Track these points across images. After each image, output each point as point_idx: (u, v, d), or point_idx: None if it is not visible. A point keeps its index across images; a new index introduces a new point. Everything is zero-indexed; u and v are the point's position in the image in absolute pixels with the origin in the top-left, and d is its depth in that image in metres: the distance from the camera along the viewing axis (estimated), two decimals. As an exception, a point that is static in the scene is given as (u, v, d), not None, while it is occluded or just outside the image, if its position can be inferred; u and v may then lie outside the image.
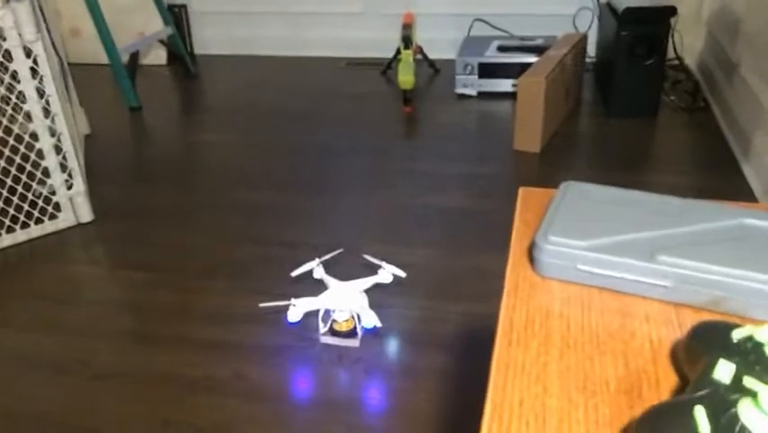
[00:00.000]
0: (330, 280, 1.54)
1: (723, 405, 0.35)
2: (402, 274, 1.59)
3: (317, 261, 1.62)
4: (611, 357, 0.46)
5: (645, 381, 0.43)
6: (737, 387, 0.36)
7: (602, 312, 0.50)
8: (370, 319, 1.44)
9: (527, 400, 0.43)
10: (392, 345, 1.42)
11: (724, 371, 0.37)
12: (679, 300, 0.50)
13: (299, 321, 1.48)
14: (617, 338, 0.47)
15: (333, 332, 1.44)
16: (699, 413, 0.35)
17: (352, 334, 1.43)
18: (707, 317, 0.49)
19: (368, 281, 1.54)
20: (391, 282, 1.59)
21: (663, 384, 0.43)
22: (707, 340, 0.41)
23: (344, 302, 1.45)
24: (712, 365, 0.38)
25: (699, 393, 0.36)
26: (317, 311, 1.47)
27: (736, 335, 0.40)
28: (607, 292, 0.52)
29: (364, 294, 1.50)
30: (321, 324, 1.45)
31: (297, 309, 1.47)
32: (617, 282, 0.51)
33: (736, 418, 0.34)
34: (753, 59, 2.06)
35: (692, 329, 0.43)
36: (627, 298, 0.51)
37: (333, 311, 1.45)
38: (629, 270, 0.50)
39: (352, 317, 1.44)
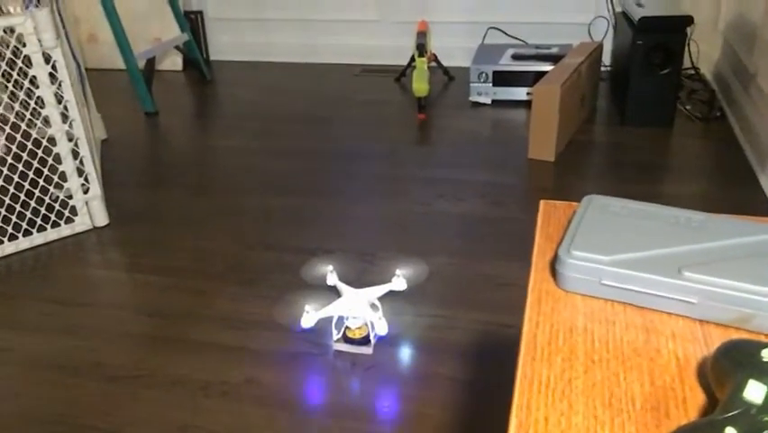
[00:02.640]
0: (343, 287, 1.54)
1: (755, 426, 0.34)
2: (403, 288, 1.58)
3: (330, 267, 1.63)
4: (637, 374, 0.45)
5: (672, 399, 0.43)
6: (769, 408, 0.36)
7: (627, 328, 0.50)
8: (383, 327, 1.44)
9: (552, 417, 0.42)
10: (405, 353, 1.42)
11: (755, 391, 0.37)
12: (705, 317, 0.49)
13: (313, 328, 1.48)
14: (642, 355, 0.47)
15: (346, 339, 1.44)
16: (731, 434, 0.34)
17: (365, 341, 1.43)
18: (734, 334, 0.48)
19: (381, 289, 1.54)
20: (406, 289, 1.58)
21: (690, 402, 0.43)
22: (736, 359, 0.40)
23: (358, 309, 1.45)
24: (742, 385, 0.37)
25: (730, 414, 0.36)
26: (330, 318, 1.47)
27: (767, 354, 0.39)
28: (631, 308, 0.52)
29: (377, 302, 1.50)
30: (334, 331, 1.46)
31: (310, 316, 1.47)
32: (642, 298, 0.51)
33: (768, 440, 0.33)
34: (771, 69, 2.05)
35: (720, 347, 0.42)
36: (652, 313, 0.51)
37: (347, 318, 1.45)
38: (655, 285, 0.50)
39: (365, 325, 1.44)
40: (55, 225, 1.89)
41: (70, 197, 1.89)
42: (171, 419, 1.28)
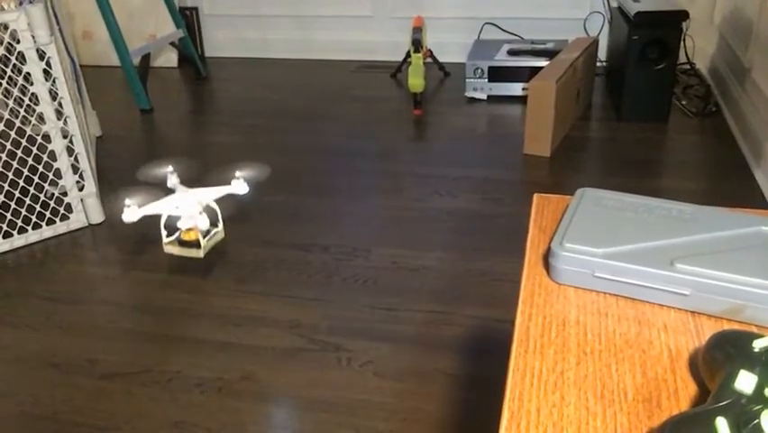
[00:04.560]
0: (178, 187, 1.42)
1: (745, 416, 0.34)
2: (244, 191, 1.45)
3: (170, 168, 1.50)
4: (629, 365, 0.45)
5: (664, 390, 0.43)
6: (759, 398, 0.36)
7: (619, 320, 0.50)
8: (204, 222, 1.33)
9: (544, 408, 0.42)
10: (401, 347, 1.42)
11: (745, 381, 0.37)
12: (697, 309, 0.49)
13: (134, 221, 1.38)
14: (634, 346, 0.47)
15: (180, 242, 1.36)
16: (721, 424, 0.34)
17: (195, 244, 1.33)
18: (726, 326, 0.48)
19: (219, 190, 1.42)
20: (401, 285, 1.59)
21: (682, 393, 0.43)
22: (727, 350, 0.41)
23: (186, 208, 1.33)
24: (733, 376, 0.37)
25: (721, 404, 0.36)
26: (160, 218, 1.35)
27: (758, 344, 0.39)
28: (623, 300, 0.52)
29: (215, 204, 1.39)
30: (163, 232, 1.34)
31: (131, 210, 1.34)
32: (635, 290, 0.51)
33: (759, 429, 0.33)
34: (765, 63, 2.05)
35: (712, 338, 0.42)
36: (645, 306, 0.51)
37: (179, 219, 1.34)
38: (647, 277, 0.50)
39: (197, 227, 1.33)
40: (50, 222, 1.88)
41: (65, 194, 1.89)
42: (167, 415, 1.28)
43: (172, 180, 1.48)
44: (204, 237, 1.33)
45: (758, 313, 0.47)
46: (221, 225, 1.35)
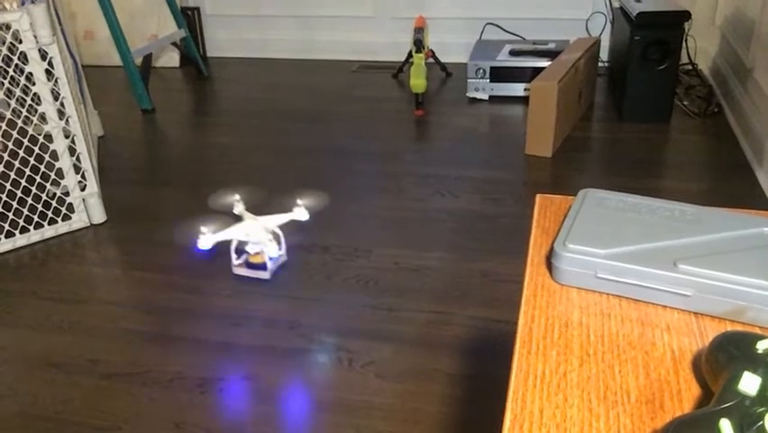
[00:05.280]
0: (245, 215, 1.60)
1: (749, 418, 0.34)
2: (305, 218, 1.63)
3: (237, 197, 1.68)
4: (632, 367, 0.45)
5: (667, 391, 0.43)
6: (763, 399, 0.36)
7: (622, 321, 0.50)
8: (273, 250, 1.51)
9: (548, 409, 0.42)
10: (402, 348, 1.42)
11: (749, 383, 0.37)
12: (700, 310, 0.49)
13: (211, 250, 1.54)
14: (637, 348, 0.47)
15: (247, 264, 1.53)
16: (725, 426, 0.34)
17: (262, 267, 1.52)
18: (729, 327, 0.48)
19: (282, 218, 1.59)
20: (402, 286, 1.58)
21: (685, 395, 0.43)
22: (730, 351, 0.40)
23: (254, 234, 1.50)
24: (737, 377, 0.37)
25: (724, 406, 0.36)
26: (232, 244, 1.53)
27: (761, 346, 0.39)
28: (626, 301, 0.51)
29: (278, 230, 1.56)
30: (234, 255, 1.53)
31: (206, 237, 1.51)
32: (638, 291, 0.50)
33: (762, 430, 0.33)
34: (767, 63, 2.05)
35: (715, 340, 0.42)
36: (648, 307, 0.51)
37: (248, 244, 1.51)
38: (650, 278, 0.50)
39: (263, 252, 1.50)
40: (52, 222, 1.89)
41: (67, 194, 1.89)
42: (167, 415, 1.28)
43: (238, 208, 1.64)
44: (270, 260, 1.53)
45: (761, 314, 0.47)
46: (284, 248, 1.56)
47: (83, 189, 1.91)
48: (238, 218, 1.58)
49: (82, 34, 3.29)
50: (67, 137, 1.84)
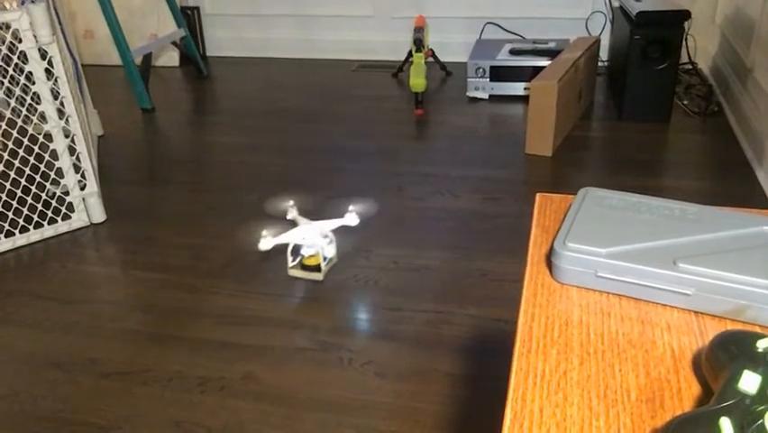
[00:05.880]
0: (300, 220, 1.68)
1: (749, 416, 0.34)
2: (355, 223, 1.70)
3: (291, 203, 1.77)
4: (632, 365, 0.45)
5: (667, 390, 0.43)
6: (763, 398, 0.36)
7: (622, 320, 0.49)
8: (331, 251, 1.62)
9: (548, 408, 0.42)
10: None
11: (749, 381, 0.37)
12: (700, 309, 0.49)
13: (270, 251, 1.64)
14: (637, 346, 0.47)
15: (302, 266, 1.60)
16: (725, 424, 0.34)
17: (316, 268, 1.59)
18: (729, 326, 0.48)
19: (334, 223, 1.66)
20: (402, 285, 1.58)
21: (686, 394, 0.43)
22: (730, 350, 0.40)
23: (310, 238, 1.59)
24: (737, 376, 0.37)
25: (725, 404, 0.36)
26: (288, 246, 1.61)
27: (761, 344, 0.39)
28: (626, 300, 0.51)
29: (331, 234, 1.65)
30: (290, 258, 1.61)
31: (267, 240, 1.59)
32: (638, 290, 0.50)
33: (763, 429, 0.33)
34: (767, 62, 2.05)
35: (715, 339, 0.42)
36: (648, 305, 0.51)
37: (302, 247, 1.59)
38: (650, 277, 0.50)
39: (318, 254, 1.58)
40: (52, 221, 1.89)
41: (67, 193, 1.89)
42: (167, 415, 1.28)
43: (292, 213, 1.74)
44: (323, 262, 1.61)
45: (761, 313, 0.47)
46: (335, 251, 1.66)
47: (83, 189, 1.91)
48: (292, 223, 1.69)
49: (82, 33, 3.29)
50: (66, 136, 1.84)
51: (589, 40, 2.53)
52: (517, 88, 2.65)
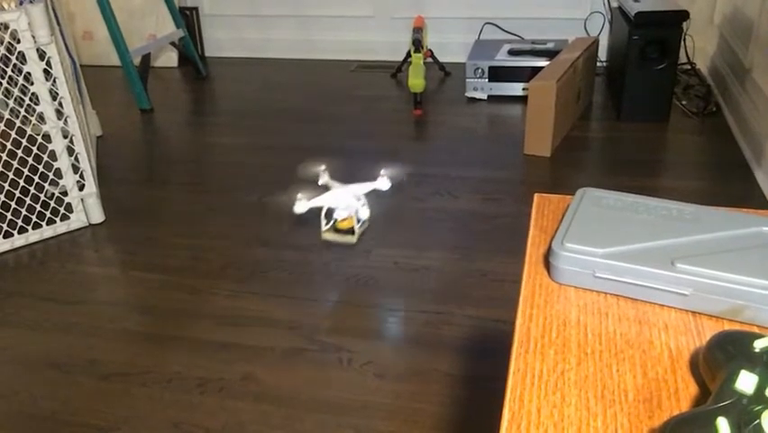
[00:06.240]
0: (333, 184, 1.70)
1: (746, 416, 0.34)
2: (387, 187, 1.74)
3: (323, 167, 1.78)
4: (630, 366, 0.45)
5: (665, 390, 0.43)
6: (760, 398, 0.36)
7: (620, 320, 0.50)
8: (365, 212, 1.64)
9: (545, 408, 0.42)
10: (402, 347, 1.42)
11: (746, 381, 0.37)
12: (698, 309, 0.49)
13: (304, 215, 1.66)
14: (635, 347, 0.47)
15: (335, 229, 1.61)
16: (722, 424, 0.34)
17: (350, 231, 1.60)
18: (726, 326, 0.48)
19: (367, 186, 1.69)
20: (401, 286, 1.58)
21: (683, 394, 0.43)
22: (728, 350, 0.40)
23: (344, 201, 1.60)
24: (734, 376, 0.37)
25: (722, 404, 0.36)
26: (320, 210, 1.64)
27: (758, 344, 0.39)
28: (624, 300, 0.52)
29: (363, 197, 1.66)
30: (323, 221, 1.63)
31: (302, 203, 1.61)
32: (636, 290, 0.51)
33: (759, 429, 0.33)
34: (765, 63, 2.05)
35: (713, 339, 0.42)
36: (645, 306, 0.51)
37: (335, 210, 1.61)
38: (648, 277, 0.50)
39: (351, 217, 1.59)
40: (50, 222, 1.89)
41: (65, 194, 1.89)
42: (167, 416, 1.28)
43: (324, 178, 1.76)
44: (357, 225, 1.62)
45: (759, 313, 0.47)
46: (369, 214, 1.68)
47: (81, 189, 1.90)
48: (324, 188, 1.69)
49: (80, 34, 3.29)
50: (65, 137, 1.83)
51: (588, 40, 2.53)
52: (516, 89, 2.65)
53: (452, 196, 2.00)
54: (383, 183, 1.71)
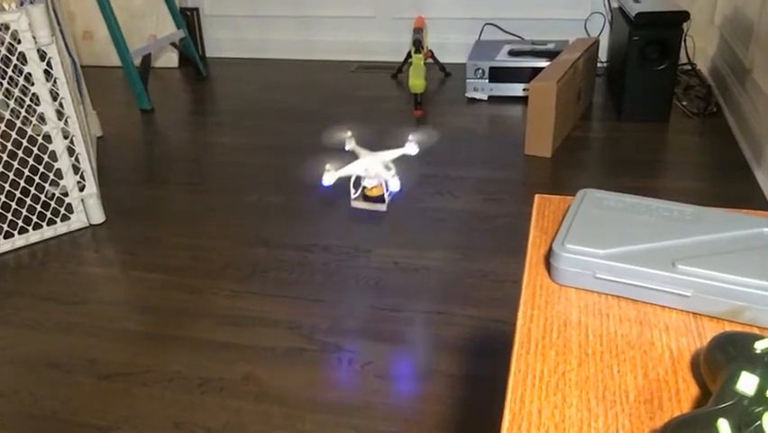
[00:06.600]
0: (360, 151, 1.64)
1: (747, 417, 0.34)
2: (415, 152, 1.68)
3: (349, 133, 1.73)
4: (630, 367, 0.45)
5: (666, 391, 0.43)
6: (761, 399, 0.36)
7: (621, 321, 0.50)
8: (396, 184, 1.57)
9: (546, 409, 0.42)
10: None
11: (747, 382, 0.37)
12: (699, 310, 0.49)
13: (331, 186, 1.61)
14: (636, 348, 0.47)
15: (364, 197, 1.57)
16: (723, 425, 0.34)
17: (380, 199, 1.56)
18: (727, 327, 0.48)
19: (395, 153, 1.64)
20: (402, 286, 1.58)
21: (684, 395, 0.43)
22: (729, 351, 0.40)
23: (373, 169, 1.55)
24: (735, 377, 0.37)
25: (722, 405, 0.36)
26: (349, 178, 1.58)
27: (759, 346, 0.39)
28: (625, 301, 0.52)
29: (391, 164, 1.61)
30: (352, 189, 1.59)
31: (330, 174, 1.55)
32: (636, 291, 0.51)
33: (760, 430, 0.33)
34: (766, 63, 2.05)
35: (714, 340, 0.42)
36: (646, 307, 0.51)
37: (364, 179, 1.57)
38: (648, 279, 0.50)
39: (381, 185, 1.55)
40: (51, 222, 1.89)
41: (66, 194, 1.89)
42: (167, 415, 1.28)
43: (350, 144, 1.71)
44: (386, 192, 1.58)
45: (760, 315, 0.47)
46: (398, 180, 1.62)
47: (82, 190, 1.91)
48: (351, 154, 1.63)
49: (81, 35, 3.29)
50: (65, 137, 1.84)
51: (588, 41, 2.53)
52: (516, 89, 2.65)
53: (452, 196, 2.00)
54: (411, 148, 1.67)
